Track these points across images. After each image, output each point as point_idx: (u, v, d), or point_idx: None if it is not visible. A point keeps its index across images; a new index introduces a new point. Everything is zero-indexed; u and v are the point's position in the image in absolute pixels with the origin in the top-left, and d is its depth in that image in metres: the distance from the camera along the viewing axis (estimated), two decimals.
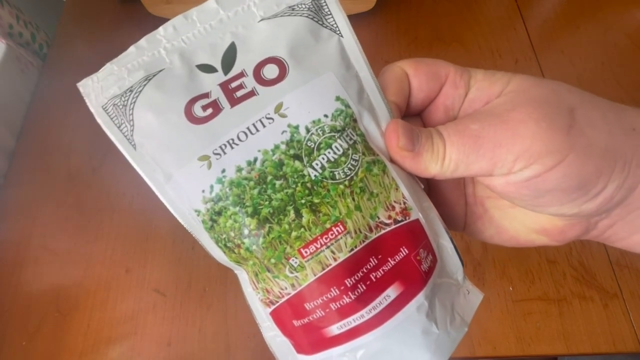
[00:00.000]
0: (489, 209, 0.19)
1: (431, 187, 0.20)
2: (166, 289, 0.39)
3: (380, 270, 0.16)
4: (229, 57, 0.16)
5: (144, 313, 0.38)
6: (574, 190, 0.15)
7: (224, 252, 0.17)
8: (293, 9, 0.17)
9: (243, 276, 0.18)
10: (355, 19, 0.52)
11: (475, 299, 0.18)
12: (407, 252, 0.16)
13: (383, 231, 0.16)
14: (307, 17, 0.16)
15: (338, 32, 0.17)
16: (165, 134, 0.16)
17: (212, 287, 0.39)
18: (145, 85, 0.16)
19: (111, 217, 0.43)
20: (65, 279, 0.40)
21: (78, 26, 0.57)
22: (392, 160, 0.17)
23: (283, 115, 0.16)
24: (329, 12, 0.17)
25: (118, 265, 0.41)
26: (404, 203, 0.17)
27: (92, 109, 0.17)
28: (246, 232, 0.16)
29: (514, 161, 0.15)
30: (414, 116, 0.19)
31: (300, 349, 0.17)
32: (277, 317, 0.17)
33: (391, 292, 0.16)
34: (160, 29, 0.17)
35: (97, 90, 0.17)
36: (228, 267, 0.18)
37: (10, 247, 0.42)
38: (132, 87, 0.16)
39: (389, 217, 0.16)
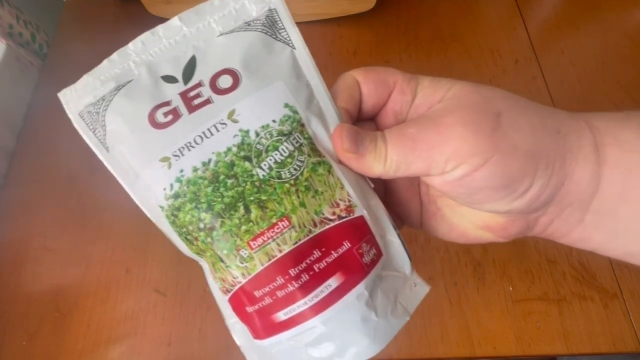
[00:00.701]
0: (441, 207, 0.21)
1: (388, 187, 0.22)
2: (166, 289, 0.39)
3: (324, 261, 0.17)
4: (190, 69, 0.18)
5: (144, 313, 0.38)
6: (502, 188, 0.16)
7: (186, 244, 0.19)
8: (249, 24, 0.18)
9: (205, 266, 0.19)
10: (355, 19, 0.52)
11: (422, 291, 0.20)
12: (349, 245, 0.18)
13: (327, 226, 0.18)
14: (260, 31, 0.18)
15: (291, 44, 0.19)
16: (132, 138, 0.18)
17: None
18: (115, 94, 0.18)
19: (111, 217, 0.43)
20: (65, 279, 0.40)
21: (78, 26, 0.57)
22: (340, 162, 0.19)
23: (235, 121, 0.17)
24: (282, 27, 0.18)
25: (118, 265, 0.41)
26: (349, 201, 0.18)
27: (70, 116, 0.19)
28: (202, 225, 0.17)
29: (446, 162, 0.16)
30: (368, 120, 0.20)
31: (255, 335, 0.18)
32: (234, 304, 0.18)
33: (333, 282, 0.17)
34: (130, 44, 0.18)
35: (75, 99, 0.19)
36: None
37: (10, 247, 0.42)
38: (104, 96, 0.18)
39: (334, 214, 0.18)
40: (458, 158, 0.16)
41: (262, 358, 0.19)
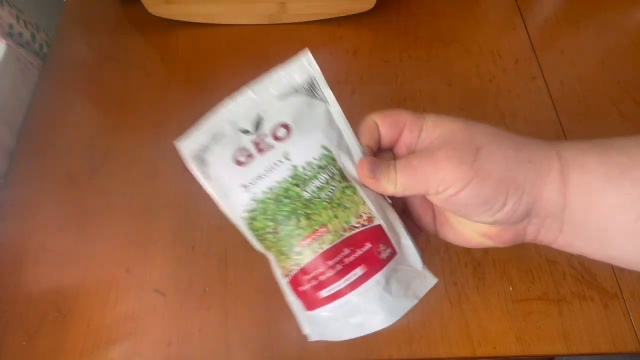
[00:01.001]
0: (449, 217, 0.26)
1: (406, 203, 0.28)
2: (166, 289, 0.39)
3: (351, 256, 0.24)
4: (258, 124, 0.26)
5: (144, 313, 0.38)
6: (482, 205, 0.22)
7: (258, 242, 0.26)
8: (296, 90, 0.26)
9: (271, 258, 0.27)
10: (355, 19, 0.53)
11: (430, 282, 0.26)
12: (370, 245, 0.24)
13: (354, 232, 0.24)
14: (304, 94, 0.26)
15: (325, 101, 0.26)
16: (223, 172, 0.26)
17: (212, 288, 0.39)
18: (212, 143, 0.26)
19: (111, 217, 0.43)
20: (65, 279, 0.40)
21: (78, 26, 0.57)
22: (363, 185, 0.25)
23: (288, 159, 0.25)
24: (319, 89, 0.26)
25: (118, 265, 0.41)
26: (369, 213, 0.25)
27: (185, 157, 0.27)
28: (269, 230, 0.25)
29: (437, 185, 0.22)
30: (388, 150, 0.26)
31: (306, 307, 0.25)
32: (291, 285, 0.26)
33: (358, 271, 0.24)
34: (221, 109, 0.26)
35: (188, 145, 0.27)
36: (229, 267, 0.18)
37: (10, 247, 0.42)
38: (205, 144, 0.26)
39: (358, 223, 0.24)
40: (446, 183, 0.22)
41: (312, 324, 0.26)
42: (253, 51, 0.52)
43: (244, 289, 0.39)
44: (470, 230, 0.25)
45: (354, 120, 0.26)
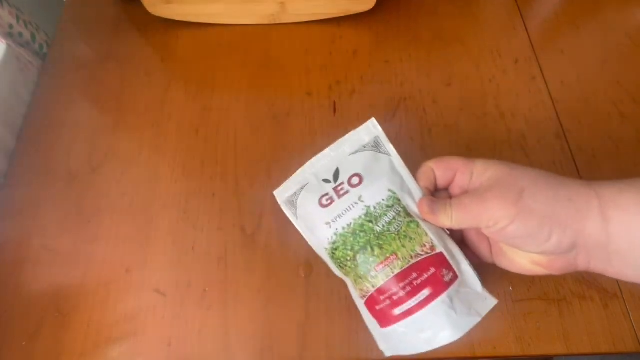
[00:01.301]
0: (503, 247, 0.29)
1: (464, 236, 0.32)
2: (166, 289, 0.39)
3: (419, 279, 0.28)
4: (336, 175, 0.32)
5: (144, 313, 0.38)
6: (528, 237, 0.25)
7: (338, 269, 0.31)
8: (364, 147, 0.32)
9: (349, 282, 0.31)
10: (355, 19, 0.53)
11: (491, 302, 0.30)
12: (434, 270, 0.28)
13: (419, 258, 0.28)
14: (371, 150, 0.32)
15: (388, 154, 0.32)
16: (310, 213, 0.32)
17: (212, 288, 0.39)
18: (301, 191, 0.33)
19: (111, 217, 0.43)
20: (65, 279, 0.40)
21: (78, 26, 0.57)
22: (424, 219, 0.30)
23: (362, 201, 0.30)
24: (383, 145, 0.32)
25: (118, 265, 0.41)
26: (431, 243, 0.29)
27: (280, 202, 0.34)
28: (349, 258, 0.30)
29: (488, 221, 0.26)
30: (444, 190, 0.31)
31: (381, 324, 0.29)
32: (367, 305, 0.30)
33: (426, 292, 0.28)
34: (307, 164, 0.33)
35: (282, 193, 0.34)
36: (229, 267, 0.19)
37: (10, 247, 0.42)
38: (295, 192, 0.33)
39: (422, 251, 0.29)
40: (495, 219, 0.26)
41: (386, 340, 0.30)
42: (253, 51, 0.52)
43: (244, 289, 0.39)
44: (523, 259, 0.28)
45: (354, 121, 0.28)
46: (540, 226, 0.24)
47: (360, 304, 0.30)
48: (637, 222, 0.23)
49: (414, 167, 0.43)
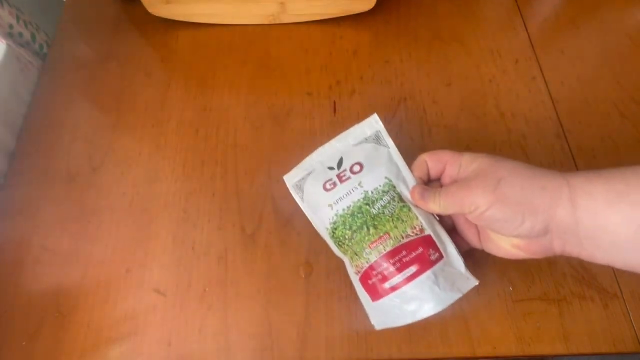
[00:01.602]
0: (489, 233, 0.31)
1: (454, 222, 0.35)
2: (166, 289, 0.39)
3: (408, 257, 0.31)
4: (340, 163, 0.35)
5: (144, 313, 0.38)
6: (505, 221, 0.28)
7: (337, 247, 0.34)
8: (366, 139, 0.36)
9: (346, 260, 0.35)
10: (355, 19, 0.53)
11: (472, 282, 0.32)
12: (422, 249, 0.31)
13: (409, 239, 0.32)
14: (372, 142, 0.36)
15: (387, 147, 0.35)
16: (315, 196, 0.35)
17: (212, 287, 0.39)
18: (307, 176, 0.36)
19: (111, 217, 0.43)
20: (65, 279, 0.40)
21: (78, 26, 0.57)
22: (415, 205, 0.33)
23: (361, 186, 0.33)
24: (383, 138, 0.36)
25: (118, 265, 0.41)
26: (421, 226, 0.32)
27: (288, 186, 0.37)
28: (347, 237, 0.33)
29: (469, 206, 0.29)
30: (436, 180, 0.34)
31: (372, 298, 0.32)
32: (361, 279, 0.33)
33: (413, 268, 0.31)
34: (314, 154, 0.37)
35: (291, 178, 0.37)
36: (229, 267, 0.21)
37: (10, 247, 0.42)
38: (303, 177, 0.36)
39: (412, 232, 0.32)
40: (475, 205, 0.28)
41: (376, 314, 0.32)
42: (253, 51, 0.52)
43: (244, 289, 0.39)
44: (505, 243, 0.30)
45: (354, 121, 0.30)
46: (514, 212, 0.27)
47: (356, 279, 0.33)
48: (602, 208, 0.25)
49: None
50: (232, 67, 0.51)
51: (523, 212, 0.27)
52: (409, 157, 0.41)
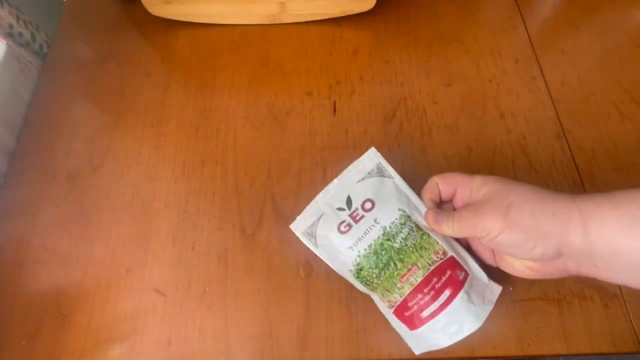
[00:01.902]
0: (504, 254, 0.32)
1: (470, 244, 0.35)
2: (166, 289, 0.39)
3: (439, 282, 0.32)
4: (349, 202, 0.35)
5: (144, 313, 0.38)
6: (516, 247, 0.29)
7: (364, 286, 0.34)
8: (369, 173, 0.36)
9: (375, 296, 0.35)
10: (355, 19, 0.53)
11: (497, 290, 0.34)
12: (450, 272, 0.32)
13: (436, 265, 0.32)
14: (375, 176, 0.36)
15: (391, 177, 0.36)
16: (331, 241, 0.34)
17: (212, 287, 0.39)
18: (318, 221, 0.35)
19: (111, 217, 0.43)
20: (65, 279, 0.40)
21: (78, 26, 0.57)
22: (431, 230, 0.34)
23: (378, 223, 0.34)
24: (385, 170, 0.36)
25: (118, 265, 0.41)
26: (443, 249, 0.33)
27: (298, 235, 0.36)
28: (374, 275, 0.33)
29: (482, 232, 0.30)
30: (449, 202, 0.35)
31: (411, 327, 0.32)
32: (396, 313, 0.33)
33: (447, 292, 0.32)
34: (318, 196, 0.36)
35: (300, 225, 0.36)
36: (229, 267, 0.25)
37: (10, 247, 0.42)
38: (313, 223, 0.35)
39: (437, 257, 0.33)
40: (487, 230, 0.29)
41: (417, 341, 0.33)
42: (253, 51, 0.52)
43: (244, 289, 0.39)
44: (520, 265, 0.31)
45: (354, 121, 0.30)
46: (525, 237, 0.28)
47: (389, 313, 0.34)
48: (615, 234, 0.26)
49: (414, 167, 0.43)
50: (232, 67, 0.51)
51: (534, 237, 0.27)
52: (410, 160, 0.40)
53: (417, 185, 0.36)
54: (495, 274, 0.34)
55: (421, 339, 0.33)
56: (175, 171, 0.45)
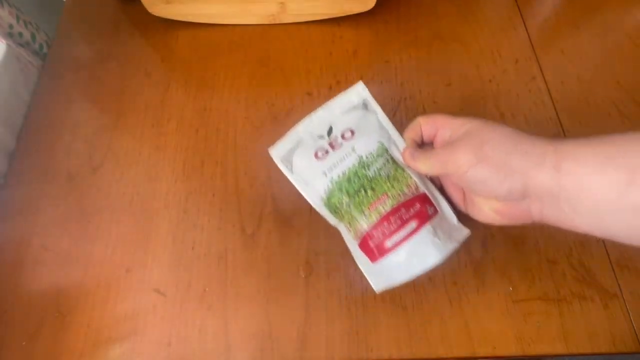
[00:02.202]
0: (473, 197, 0.32)
1: (443, 184, 0.36)
2: (166, 289, 0.39)
3: (407, 214, 0.32)
4: (330, 131, 0.36)
5: (144, 313, 0.38)
6: (483, 183, 0.29)
7: (333, 215, 0.35)
8: (354, 107, 0.37)
9: (343, 228, 0.35)
10: (355, 19, 0.53)
11: (464, 232, 0.34)
12: (419, 206, 0.33)
13: (406, 197, 0.33)
14: (360, 109, 0.37)
15: (375, 112, 0.37)
16: (306, 166, 0.35)
17: (212, 287, 0.39)
18: (296, 148, 0.36)
19: (111, 217, 0.43)
20: (65, 279, 0.40)
21: (78, 26, 0.57)
22: (407, 166, 0.34)
23: (355, 152, 0.34)
24: (370, 105, 0.37)
25: (118, 265, 0.41)
26: (416, 185, 0.34)
27: (275, 160, 0.36)
28: (344, 203, 0.34)
29: (452, 167, 0.30)
30: (430, 144, 0.35)
31: (372, 259, 0.33)
32: (361, 244, 0.33)
33: (413, 224, 0.32)
34: (300, 126, 0.37)
35: (278, 150, 0.37)
36: (229, 267, 0.24)
37: (10, 247, 0.42)
38: (291, 148, 0.36)
39: (409, 191, 0.33)
40: (457, 165, 0.30)
41: (377, 276, 0.33)
42: (253, 51, 0.52)
43: (244, 289, 0.39)
44: (487, 207, 0.31)
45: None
46: (494, 173, 0.28)
47: (354, 245, 0.34)
48: (588, 171, 0.25)
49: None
50: (232, 67, 0.51)
51: (503, 173, 0.28)
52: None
53: None
54: (494, 273, 0.34)
55: (382, 273, 0.33)
56: (175, 171, 0.45)
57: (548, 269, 0.38)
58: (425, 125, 0.34)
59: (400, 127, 0.45)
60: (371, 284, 0.33)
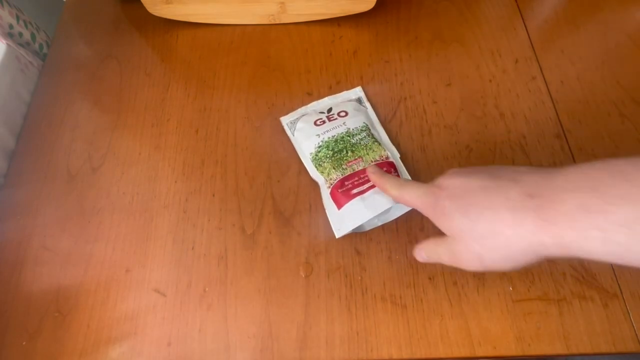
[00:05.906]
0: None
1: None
2: (166, 289, 0.39)
3: None
4: (329, 110, 0.45)
5: (144, 313, 0.38)
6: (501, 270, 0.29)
7: (316, 168, 0.42)
8: (350, 100, 0.47)
9: (322, 180, 0.42)
10: (355, 19, 0.53)
11: None
12: (385, 169, 0.39)
13: (377, 162, 0.41)
14: (355, 102, 0.46)
15: (366, 108, 0.46)
16: (305, 129, 0.44)
17: (212, 287, 0.39)
18: (300, 117, 0.45)
19: (111, 217, 0.43)
20: (65, 279, 0.40)
21: (78, 26, 0.57)
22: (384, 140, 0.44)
23: (345, 125, 0.43)
24: (363, 102, 0.47)
25: (118, 265, 0.41)
26: (387, 155, 0.42)
27: (283, 124, 0.46)
28: (328, 157, 0.41)
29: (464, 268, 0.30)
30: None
31: (339, 205, 0.39)
32: (332, 191, 0.40)
33: None
34: (309, 105, 0.47)
35: (286, 119, 0.46)
36: (229, 267, 0.23)
37: (10, 247, 0.42)
38: (297, 118, 0.45)
39: (380, 159, 0.41)
40: (468, 270, 0.31)
41: (340, 221, 0.39)
42: (253, 51, 0.52)
43: (244, 289, 0.39)
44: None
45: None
46: (505, 266, 0.28)
47: (327, 194, 0.40)
48: (585, 229, 0.24)
49: (414, 167, 0.43)
50: (232, 67, 0.51)
51: (512, 263, 0.28)
52: (410, 160, 0.40)
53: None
54: (494, 273, 0.34)
55: (344, 218, 0.38)
56: (175, 171, 0.45)
57: (548, 269, 0.38)
58: (420, 252, 0.34)
59: (400, 127, 0.46)
60: (335, 231, 0.39)
